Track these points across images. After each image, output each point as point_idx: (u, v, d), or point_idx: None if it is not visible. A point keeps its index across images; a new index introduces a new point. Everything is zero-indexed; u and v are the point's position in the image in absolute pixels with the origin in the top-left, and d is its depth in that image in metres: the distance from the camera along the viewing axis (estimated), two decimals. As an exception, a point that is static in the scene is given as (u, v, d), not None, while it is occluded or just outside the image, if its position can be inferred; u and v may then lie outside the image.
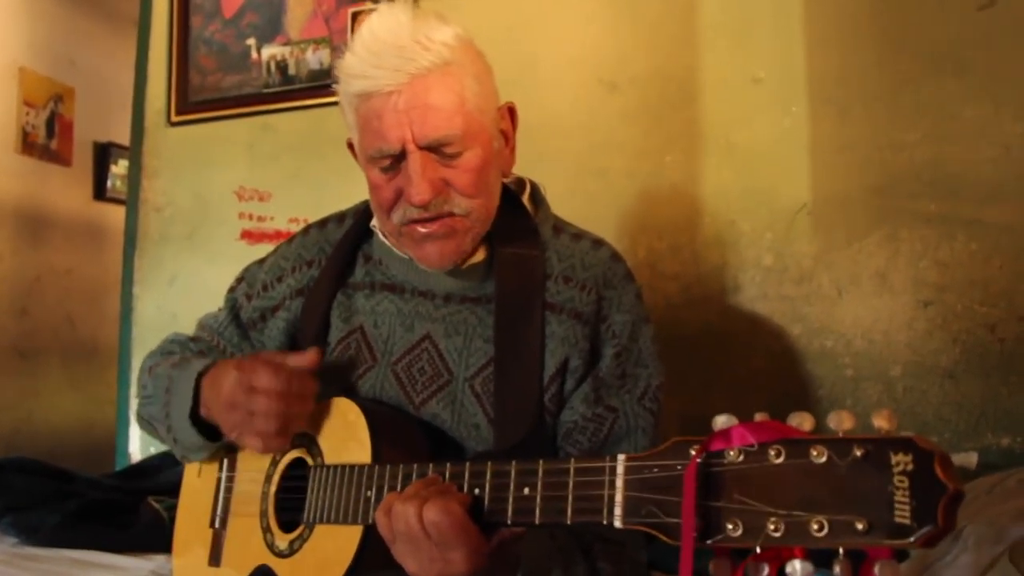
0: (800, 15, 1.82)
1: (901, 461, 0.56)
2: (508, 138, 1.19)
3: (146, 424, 1.29)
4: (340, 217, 1.34)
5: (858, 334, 1.73)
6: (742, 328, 1.81)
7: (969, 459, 1.63)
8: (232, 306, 1.34)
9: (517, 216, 1.19)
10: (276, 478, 1.16)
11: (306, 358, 1.09)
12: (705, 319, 1.83)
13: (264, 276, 1.32)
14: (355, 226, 1.29)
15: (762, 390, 1.78)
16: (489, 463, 0.86)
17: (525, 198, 1.23)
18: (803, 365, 1.76)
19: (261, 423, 1.05)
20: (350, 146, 1.20)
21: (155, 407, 1.22)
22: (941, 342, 1.68)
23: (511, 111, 1.19)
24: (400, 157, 1.07)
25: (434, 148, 1.06)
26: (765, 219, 1.81)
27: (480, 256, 1.16)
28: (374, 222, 1.24)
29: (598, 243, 1.22)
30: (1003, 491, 1.35)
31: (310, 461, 1.12)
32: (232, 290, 1.36)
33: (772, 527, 0.61)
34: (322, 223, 1.34)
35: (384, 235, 1.21)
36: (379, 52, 1.05)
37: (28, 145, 3.56)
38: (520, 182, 1.26)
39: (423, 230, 1.09)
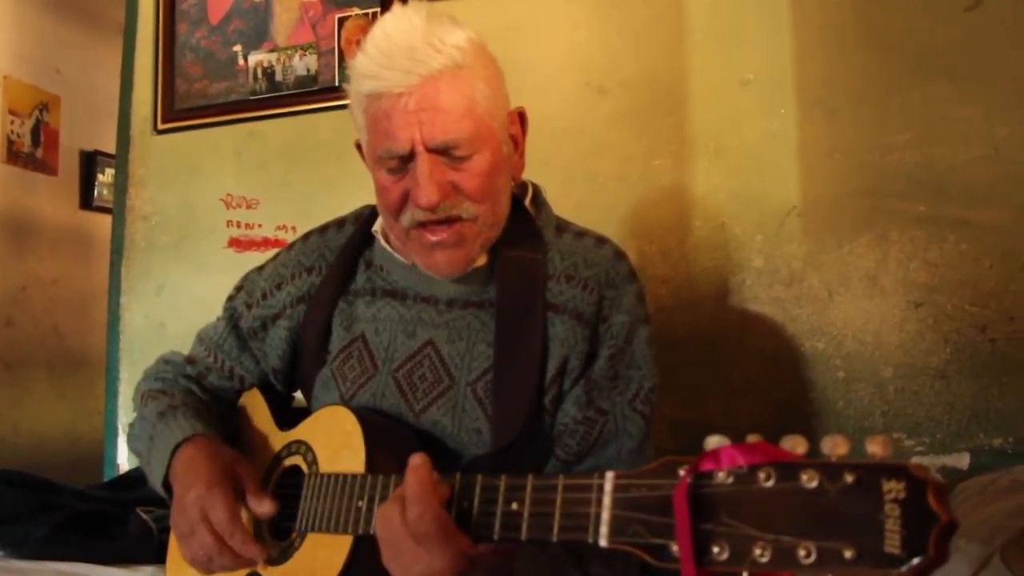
0: (788, 18, 1.83)
1: (893, 488, 0.55)
2: (518, 143, 1.19)
3: (136, 456, 1.29)
4: (340, 223, 1.33)
5: (849, 335, 1.73)
6: (733, 331, 1.81)
7: (961, 460, 1.63)
8: (231, 316, 1.33)
9: (519, 220, 1.19)
10: (271, 485, 1.16)
11: (264, 506, 1.08)
12: (696, 322, 1.83)
13: (264, 284, 1.31)
14: (356, 232, 1.28)
15: (754, 393, 1.78)
16: (479, 477, 0.85)
17: (527, 201, 1.22)
18: (795, 367, 1.76)
19: (192, 548, 1.06)
20: (358, 147, 1.20)
21: (141, 446, 1.23)
22: (932, 343, 1.68)
23: (521, 116, 1.19)
24: (408, 158, 1.06)
25: (442, 151, 1.05)
26: (755, 221, 1.81)
27: (482, 260, 1.16)
28: (376, 227, 1.24)
29: (601, 241, 1.21)
30: (995, 491, 1.35)
31: (305, 469, 1.11)
32: (231, 299, 1.35)
33: (759, 552, 0.60)
34: (322, 229, 1.33)
35: (386, 240, 1.21)
36: (390, 53, 1.05)
37: (13, 154, 3.53)
38: (522, 185, 1.25)
39: (433, 238, 1.09)
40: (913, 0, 1.74)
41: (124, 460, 2.32)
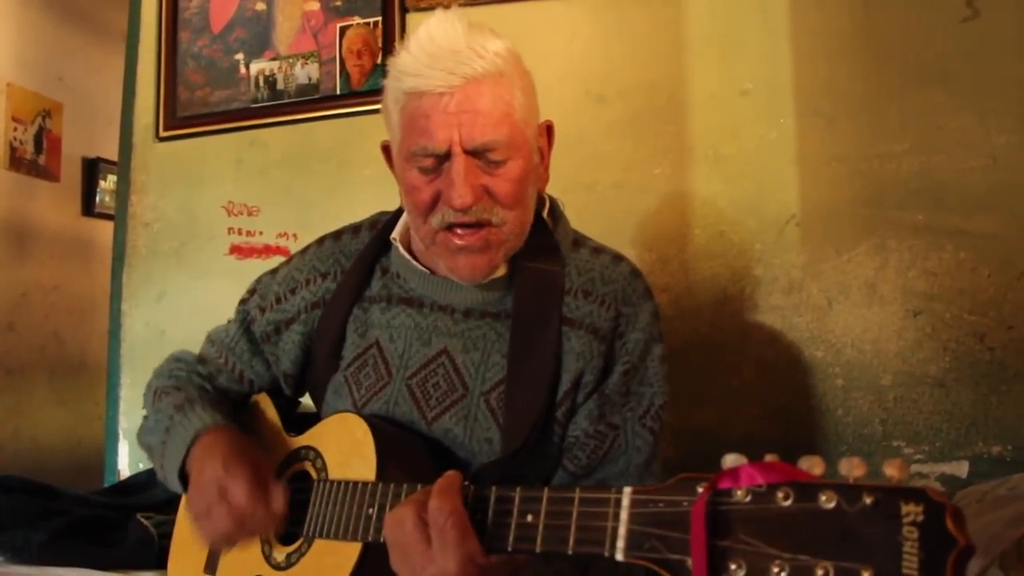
0: (787, 28, 1.84)
1: (912, 511, 0.55)
2: (544, 155, 1.20)
3: (145, 451, 1.29)
4: (355, 229, 1.33)
5: (848, 344, 1.73)
6: (732, 339, 1.81)
7: (960, 468, 1.64)
8: (243, 319, 1.33)
9: (539, 232, 1.19)
10: None
11: (277, 499, 1.07)
12: (695, 330, 1.84)
13: (277, 288, 1.31)
14: (373, 239, 1.28)
15: (753, 401, 1.78)
16: (494, 488, 0.85)
17: (545, 214, 1.23)
18: (794, 375, 1.76)
19: (209, 527, 1.07)
20: (385, 149, 1.20)
21: (154, 439, 1.22)
22: (931, 351, 1.68)
23: (549, 129, 1.20)
24: (443, 159, 1.07)
25: (479, 154, 1.06)
26: (754, 230, 1.82)
27: (501, 271, 1.16)
28: (393, 234, 1.24)
29: (618, 258, 1.22)
30: (994, 499, 1.35)
31: (314, 475, 1.12)
32: (244, 302, 1.35)
33: (776, 570, 0.60)
34: (337, 235, 1.33)
35: (405, 247, 1.22)
36: (435, 54, 1.06)
37: (16, 161, 3.54)
38: (540, 198, 1.25)
39: (459, 242, 1.09)
40: (911, 11, 1.75)
41: (125, 466, 2.33)
